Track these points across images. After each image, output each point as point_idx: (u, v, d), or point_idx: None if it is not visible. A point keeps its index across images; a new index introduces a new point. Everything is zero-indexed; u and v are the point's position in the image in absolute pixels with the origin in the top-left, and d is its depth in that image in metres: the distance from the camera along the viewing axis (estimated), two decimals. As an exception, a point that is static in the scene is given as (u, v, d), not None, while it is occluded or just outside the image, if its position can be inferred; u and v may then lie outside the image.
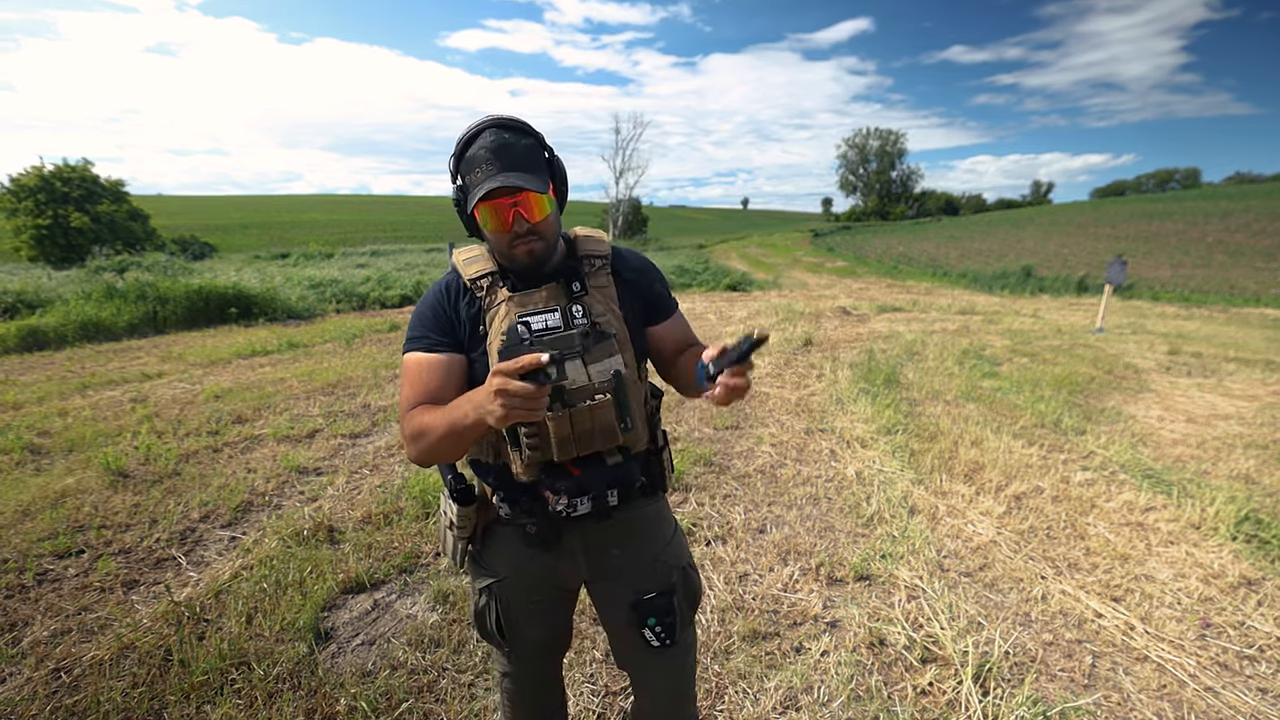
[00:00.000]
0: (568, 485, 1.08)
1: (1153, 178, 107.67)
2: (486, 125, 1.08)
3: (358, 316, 9.41)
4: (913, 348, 7.23)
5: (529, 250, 1.09)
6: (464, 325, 1.13)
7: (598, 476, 1.10)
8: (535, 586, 1.22)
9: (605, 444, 1.10)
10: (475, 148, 1.06)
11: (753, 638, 2.19)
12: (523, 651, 1.28)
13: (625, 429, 1.10)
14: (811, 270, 23.43)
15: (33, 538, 2.72)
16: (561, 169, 1.15)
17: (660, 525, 1.27)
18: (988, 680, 1.99)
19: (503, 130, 1.07)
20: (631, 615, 1.21)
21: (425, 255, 21.47)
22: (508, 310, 1.10)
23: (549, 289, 1.12)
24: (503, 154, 1.05)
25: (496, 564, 1.22)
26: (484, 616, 1.23)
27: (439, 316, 1.13)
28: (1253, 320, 11.33)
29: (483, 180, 1.04)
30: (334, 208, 69.01)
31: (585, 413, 1.06)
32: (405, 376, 1.13)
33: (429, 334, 1.13)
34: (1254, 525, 2.97)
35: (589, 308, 1.12)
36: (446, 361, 1.11)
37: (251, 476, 3.40)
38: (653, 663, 1.27)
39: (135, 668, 1.96)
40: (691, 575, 1.28)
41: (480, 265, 1.15)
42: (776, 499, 3.28)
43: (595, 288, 1.15)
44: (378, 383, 5.35)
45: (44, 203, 21.64)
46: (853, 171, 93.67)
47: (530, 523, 1.14)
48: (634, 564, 1.22)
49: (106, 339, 7.19)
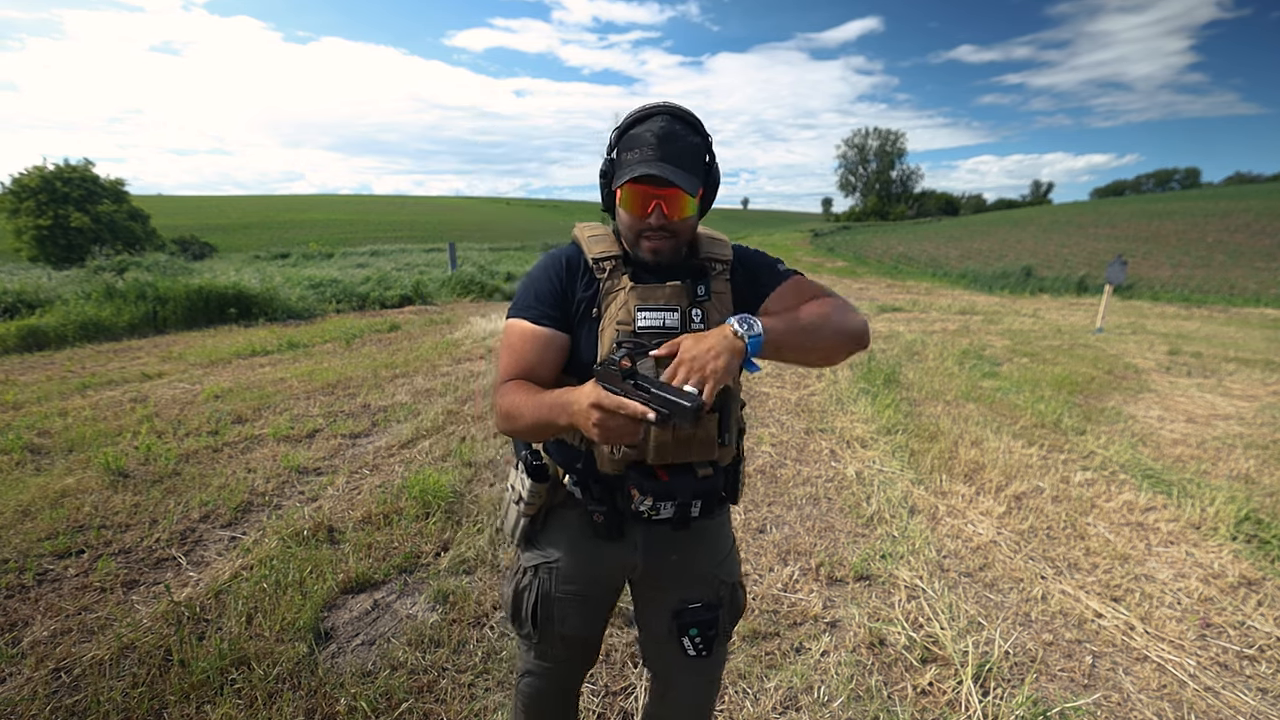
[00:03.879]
0: (655, 488, 1.06)
1: (1153, 177, 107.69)
2: (661, 110, 1.06)
3: (358, 316, 9.41)
4: (913, 348, 7.23)
5: (655, 248, 1.07)
6: (577, 303, 1.10)
7: (686, 485, 1.07)
8: (583, 576, 1.19)
9: (702, 456, 1.08)
10: (643, 128, 1.04)
11: (753, 638, 2.19)
12: (550, 647, 1.24)
13: (723, 443, 1.10)
14: (811, 270, 23.42)
15: (33, 538, 2.72)
16: (717, 177, 1.13)
17: (721, 538, 1.25)
18: (988, 680, 1.99)
19: (675, 120, 1.05)
20: (673, 623, 1.19)
21: (426, 255, 21.47)
22: (627, 299, 1.07)
23: (673, 287, 1.09)
24: (667, 143, 1.02)
25: (551, 546, 1.20)
26: (522, 597, 1.20)
27: (553, 290, 1.10)
28: (1253, 320, 11.32)
29: (638, 162, 1.01)
30: (335, 207, 69.02)
31: None
32: (506, 342, 1.11)
33: (539, 305, 1.10)
34: (1254, 525, 2.97)
35: (707, 314, 1.10)
36: (550, 337, 1.09)
37: (251, 476, 3.40)
38: (684, 671, 1.26)
39: (135, 668, 1.96)
40: (739, 594, 1.27)
41: (606, 245, 1.12)
42: (776, 499, 3.28)
43: (715, 294, 1.13)
44: (378, 383, 5.35)
45: (45, 203, 21.65)
46: (852, 171, 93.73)
47: (599, 511, 1.12)
48: (688, 572, 1.20)
49: (106, 339, 7.18)
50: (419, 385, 5.30)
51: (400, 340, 7.45)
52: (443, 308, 10.45)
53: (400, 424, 4.29)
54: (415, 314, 9.68)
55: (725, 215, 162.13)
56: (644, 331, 1.05)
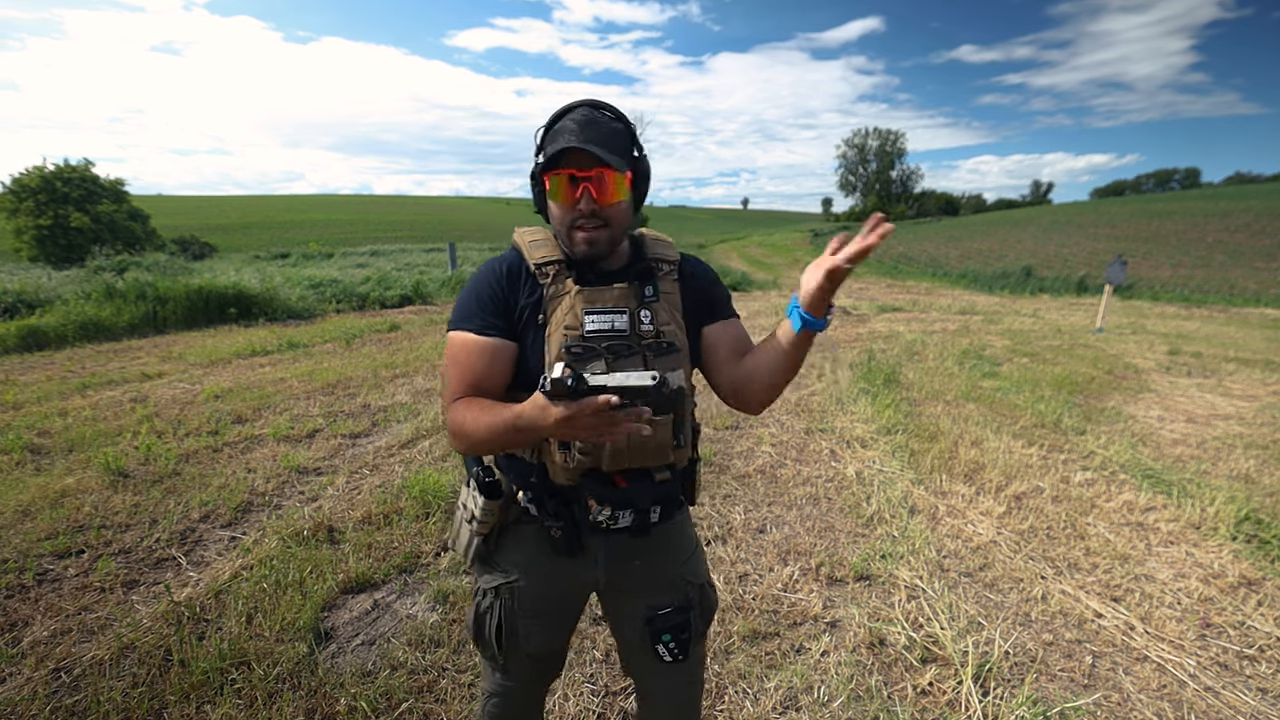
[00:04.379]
0: (613, 496, 1.04)
1: (1153, 177, 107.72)
2: (582, 102, 1.05)
3: (358, 316, 9.41)
4: (913, 348, 7.23)
5: (589, 238, 1.03)
6: (520, 310, 1.06)
7: (644, 491, 1.06)
8: (545, 594, 1.16)
9: (657, 460, 1.07)
10: (564, 121, 1.02)
11: (753, 638, 2.19)
12: (515, 666, 1.21)
13: (678, 445, 1.08)
14: (811, 270, 23.39)
15: (33, 538, 2.72)
16: (647, 167, 1.09)
17: (683, 540, 1.23)
18: (988, 680, 1.99)
19: (595, 109, 1.04)
20: (645, 630, 1.17)
21: (426, 255, 21.47)
22: (573, 303, 1.03)
23: (620, 289, 1.06)
24: (589, 128, 1.00)
25: (509, 565, 1.16)
26: (484, 620, 1.17)
27: (495, 298, 1.06)
28: (1253, 320, 11.32)
29: (561, 147, 0.98)
30: (335, 207, 69.02)
31: None
32: (451, 356, 1.06)
33: (482, 315, 1.05)
34: (1254, 525, 2.97)
35: (656, 315, 1.08)
36: (497, 347, 1.05)
37: (251, 476, 3.40)
38: (663, 677, 1.25)
39: (135, 668, 1.96)
40: (709, 593, 1.25)
41: (547, 250, 1.08)
42: (776, 499, 3.28)
43: (663, 294, 1.11)
44: (378, 383, 5.35)
45: (45, 203, 21.64)
46: (852, 171, 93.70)
47: (556, 526, 1.09)
48: (654, 578, 1.18)
49: (106, 339, 7.18)
50: (419, 385, 5.30)
51: (400, 340, 7.45)
52: (443, 307, 10.45)
53: (400, 424, 4.29)
54: (415, 314, 9.68)
55: (725, 215, 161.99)
56: (592, 336, 1.03)
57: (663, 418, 1.03)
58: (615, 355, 1.03)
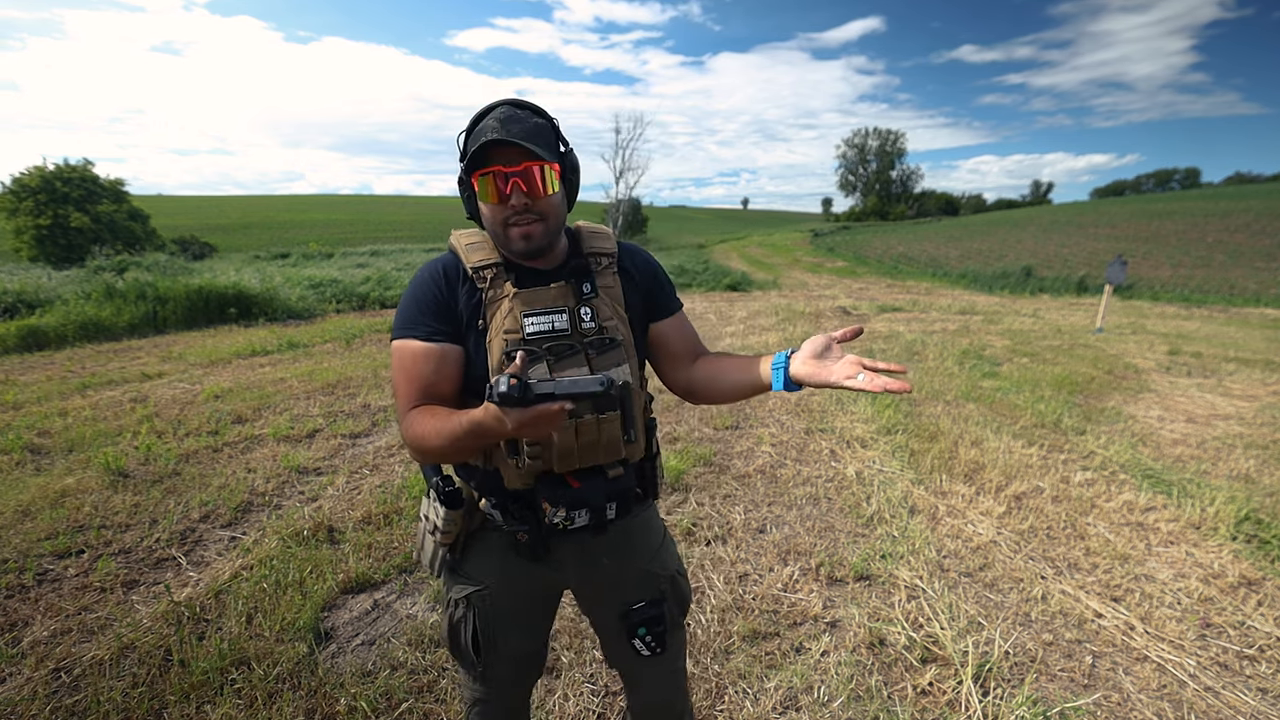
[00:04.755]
0: (567, 497, 1.03)
1: (1153, 177, 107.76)
2: (502, 101, 1.04)
3: (358, 316, 9.41)
4: (913, 348, 7.23)
5: (525, 233, 1.01)
6: (461, 314, 1.05)
7: (598, 489, 1.05)
8: (518, 597, 1.16)
9: (609, 457, 1.06)
10: (487, 119, 1.01)
11: (753, 638, 2.19)
12: (496, 673, 1.20)
13: (628, 440, 1.07)
14: (811, 270, 23.42)
15: (33, 538, 2.72)
16: (575, 161, 1.08)
17: (649, 534, 1.23)
18: (988, 680, 1.99)
19: (516, 107, 1.03)
20: (620, 625, 1.18)
21: (425, 255, 21.47)
22: (512, 307, 1.03)
23: (558, 288, 1.05)
24: (511, 124, 0.99)
25: (478, 573, 1.15)
26: (459, 630, 1.15)
27: (437, 303, 1.05)
28: (1253, 320, 11.33)
29: (478, 147, 0.98)
30: (335, 207, 69.04)
31: (592, 425, 1.01)
32: (399, 366, 1.04)
33: (426, 321, 1.04)
34: (1254, 525, 2.97)
35: (597, 310, 1.07)
36: (444, 352, 1.04)
37: (251, 476, 3.40)
38: (645, 668, 1.26)
39: (135, 668, 1.96)
40: (680, 582, 1.25)
41: (484, 254, 1.07)
42: (776, 499, 3.28)
43: (602, 288, 1.10)
44: (378, 383, 5.35)
45: (44, 203, 21.65)
46: (852, 171, 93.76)
47: (521, 530, 1.08)
48: (623, 574, 1.18)
49: (106, 339, 7.19)
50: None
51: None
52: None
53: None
54: (415, 314, 9.69)
55: (725, 215, 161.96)
56: (532, 338, 1.02)
57: (610, 415, 1.03)
58: (557, 356, 1.03)
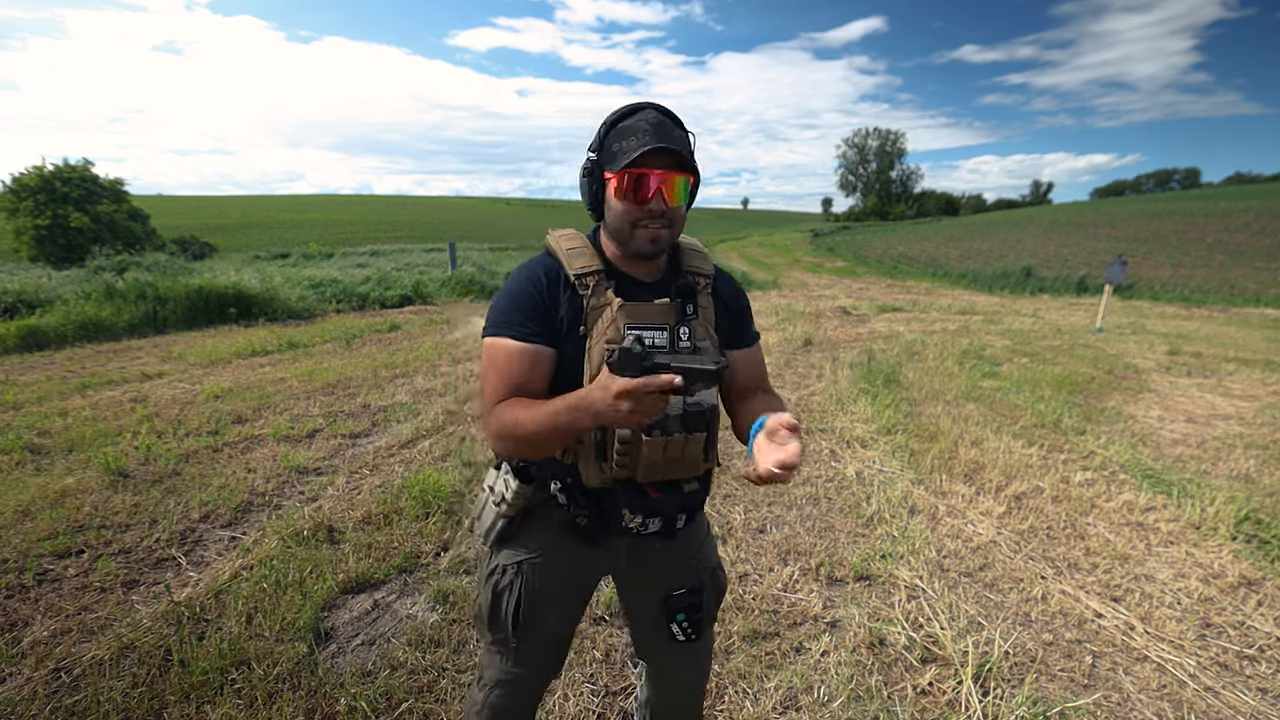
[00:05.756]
0: (645, 506, 1.06)
1: (1153, 177, 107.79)
2: (649, 105, 1.05)
3: (358, 316, 9.41)
4: (913, 348, 7.23)
5: (654, 237, 1.03)
6: (562, 320, 1.05)
7: (674, 501, 1.08)
8: (565, 574, 1.19)
9: (688, 473, 1.10)
10: (636, 119, 1.02)
11: (753, 638, 2.19)
12: (528, 651, 1.21)
13: (707, 460, 1.11)
14: (811, 270, 23.42)
15: (33, 538, 2.72)
16: (699, 179, 1.09)
17: (698, 527, 1.28)
18: (988, 680, 1.99)
19: (664, 114, 1.04)
20: (662, 609, 1.22)
21: (425, 255, 21.46)
22: (615, 317, 1.03)
23: (663, 305, 1.07)
24: (663, 130, 1.01)
25: (534, 543, 1.17)
26: (502, 598, 1.17)
27: (536, 305, 1.05)
28: (1253, 320, 11.32)
29: (637, 146, 0.98)
30: (335, 207, 69.01)
31: (679, 442, 1.04)
32: (491, 364, 1.04)
33: (524, 322, 1.04)
34: (1254, 525, 2.97)
35: (693, 331, 1.08)
36: (538, 353, 1.04)
37: (251, 476, 3.40)
38: (676, 656, 1.30)
39: (135, 668, 1.96)
40: (719, 575, 1.30)
41: (586, 260, 1.07)
42: (776, 499, 3.28)
43: (700, 308, 1.11)
44: (378, 383, 5.35)
45: (44, 203, 21.64)
46: (852, 171, 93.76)
47: (583, 515, 1.10)
48: (670, 561, 1.23)
49: (106, 339, 7.18)
50: (419, 385, 5.30)
51: (400, 340, 7.45)
52: (443, 307, 10.45)
53: (400, 424, 4.29)
54: (415, 314, 9.68)
55: (725, 215, 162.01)
56: None
57: (696, 435, 1.06)
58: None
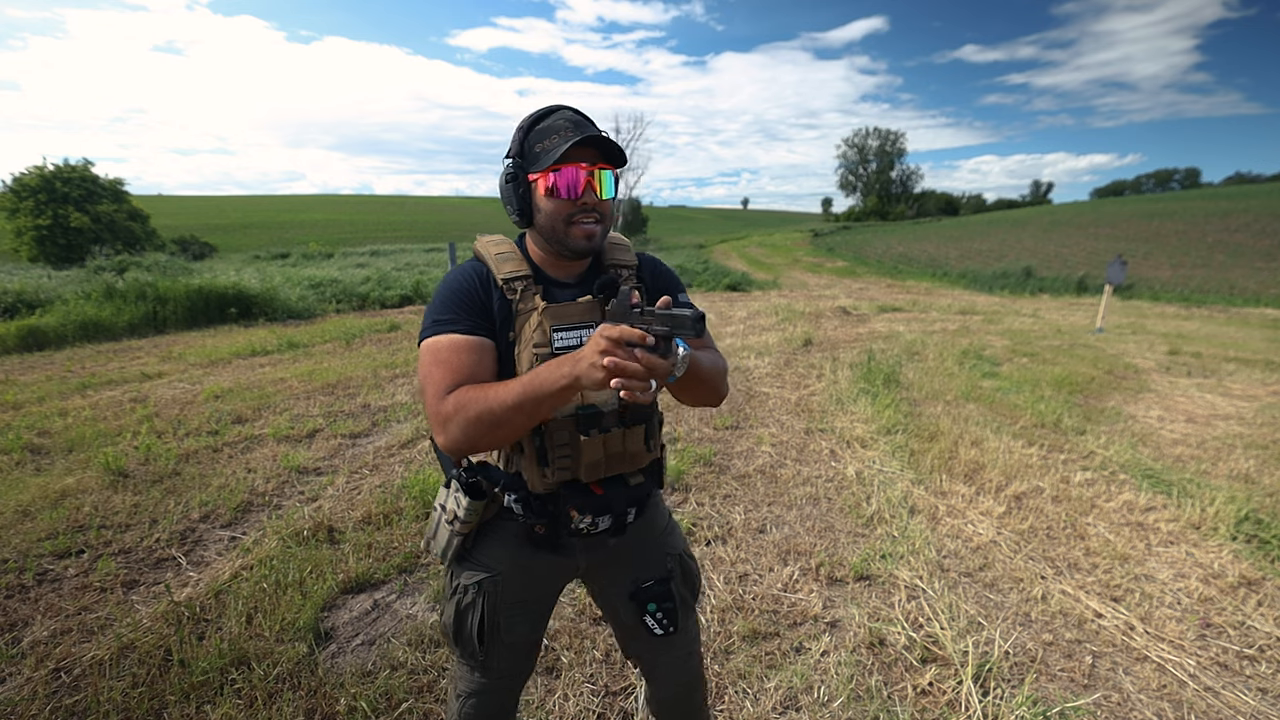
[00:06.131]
0: (592, 504, 1.07)
1: (1153, 178, 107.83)
2: (558, 106, 1.06)
3: (358, 316, 9.41)
4: (912, 348, 7.22)
5: (588, 232, 1.02)
6: (495, 319, 1.05)
7: (620, 496, 1.09)
8: (528, 584, 1.18)
9: (632, 466, 1.10)
10: (554, 119, 1.02)
11: (753, 638, 2.19)
12: (496, 662, 1.19)
13: (650, 450, 1.11)
14: (811, 270, 23.42)
15: (33, 538, 2.72)
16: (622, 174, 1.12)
17: (656, 518, 1.27)
18: (988, 680, 1.99)
19: (579, 113, 1.05)
20: (631, 605, 1.21)
21: (425, 255, 21.48)
22: (541, 320, 1.03)
23: (586, 303, 1.06)
24: (585, 125, 1.01)
25: (491, 560, 1.16)
26: (466, 616, 1.16)
27: (475, 301, 1.04)
28: (1253, 320, 11.32)
29: (563, 143, 0.97)
30: (335, 207, 69.01)
31: (618, 437, 1.05)
32: (435, 360, 1.00)
33: (467, 317, 1.03)
34: (1254, 525, 2.97)
35: None
36: (484, 345, 1.02)
37: (251, 476, 3.40)
38: (660, 652, 1.28)
39: (135, 668, 1.96)
40: (689, 562, 1.28)
41: (515, 264, 1.07)
42: (776, 499, 3.28)
43: None
44: (378, 383, 5.35)
45: (44, 202, 21.65)
46: (852, 171, 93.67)
47: (540, 523, 1.10)
48: (631, 554, 1.22)
49: (106, 339, 7.19)
50: (419, 385, 5.30)
51: (400, 340, 7.45)
52: (443, 308, 10.46)
53: (400, 424, 4.29)
54: (415, 314, 9.68)
55: (725, 215, 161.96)
56: (560, 351, 1.03)
57: (635, 428, 1.08)
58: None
